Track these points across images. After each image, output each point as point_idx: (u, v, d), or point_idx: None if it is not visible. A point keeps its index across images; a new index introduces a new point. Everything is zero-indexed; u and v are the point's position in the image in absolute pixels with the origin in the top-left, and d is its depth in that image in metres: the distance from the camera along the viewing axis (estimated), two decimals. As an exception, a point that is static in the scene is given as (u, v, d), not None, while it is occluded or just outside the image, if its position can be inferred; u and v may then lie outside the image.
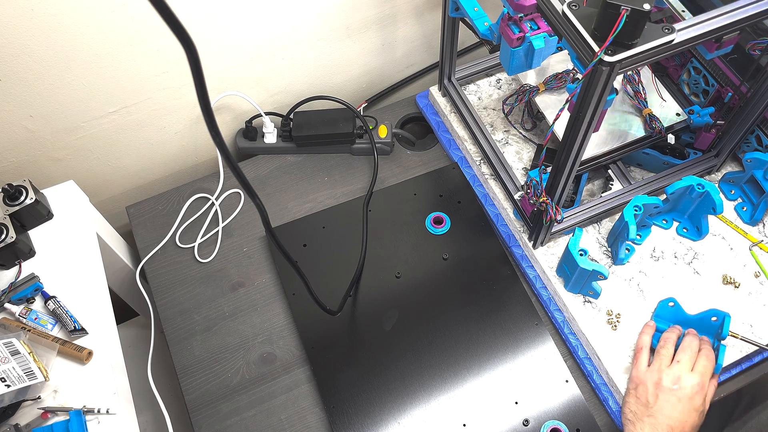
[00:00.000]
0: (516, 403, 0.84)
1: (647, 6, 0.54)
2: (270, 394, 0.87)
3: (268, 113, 1.04)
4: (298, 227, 0.98)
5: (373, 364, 0.86)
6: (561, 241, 0.91)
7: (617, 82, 0.94)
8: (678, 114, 0.91)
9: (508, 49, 0.71)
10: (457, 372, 0.86)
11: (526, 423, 0.83)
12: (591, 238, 0.92)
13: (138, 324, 1.19)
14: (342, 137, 1.03)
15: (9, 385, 0.71)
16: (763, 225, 0.91)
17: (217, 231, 0.99)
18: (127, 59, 0.86)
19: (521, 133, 1.01)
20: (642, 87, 0.92)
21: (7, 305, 0.79)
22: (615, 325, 0.85)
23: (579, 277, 0.83)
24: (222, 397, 0.86)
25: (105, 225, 0.96)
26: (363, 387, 0.85)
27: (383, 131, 1.05)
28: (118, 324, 0.86)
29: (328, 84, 1.11)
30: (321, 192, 1.03)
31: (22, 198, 0.82)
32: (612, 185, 0.93)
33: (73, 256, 0.85)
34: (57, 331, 0.79)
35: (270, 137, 1.05)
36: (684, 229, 0.91)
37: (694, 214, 0.90)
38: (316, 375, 0.86)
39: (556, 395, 0.84)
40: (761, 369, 0.86)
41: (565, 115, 0.67)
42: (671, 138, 0.91)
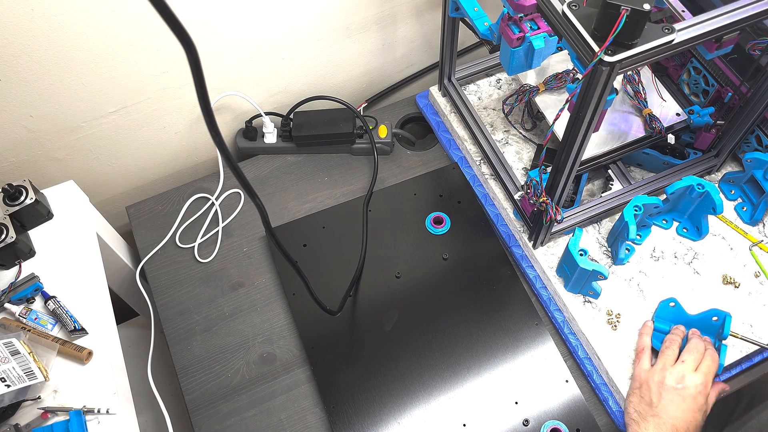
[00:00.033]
0: (516, 403, 0.84)
1: (647, 6, 0.54)
2: (270, 394, 0.87)
3: (268, 113, 1.04)
4: (298, 227, 0.98)
5: (373, 364, 0.86)
6: (561, 241, 0.91)
7: (617, 82, 0.94)
8: (678, 114, 0.91)
9: (508, 49, 0.71)
10: (457, 372, 0.86)
11: (526, 423, 0.83)
12: (591, 238, 0.92)
13: (138, 324, 1.19)
14: (342, 137, 1.03)
15: (9, 385, 0.71)
16: (763, 225, 0.91)
17: (217, 231, 0.99)
18: (127, 59, 0.86)
19: (521, 133, 1.01)
20: (642, 87, 0.92)
21: (7, 305, 0.79)
22: (615, 325, 0.85)
23: (579, 277, 0.83)
24: (222, 397, 0.86)
25: (105, 225, 0.96)
26: (363, 387, 0.85)
27: (383, 131, 1.05)
28: (118, 324, 0.86)
29: (328, 84, 1.10)
30: (321, 192, 1.03)
31: (22, 198, 0.82)
32: (612, 185, 0.93)
33: (73, 256, 0.85)
34: (57, 331, 0.79)
35: (270, 137, 1.05)
36: (684, 229, 0.91)
37: (694, 214, 0.90)
38: (316, 375, 0.86)
39: (556, 395, 0.84)
40: (761, 369, 0.86)
41: (565, 115, 0.67)
42: (671, 138, 0.91)
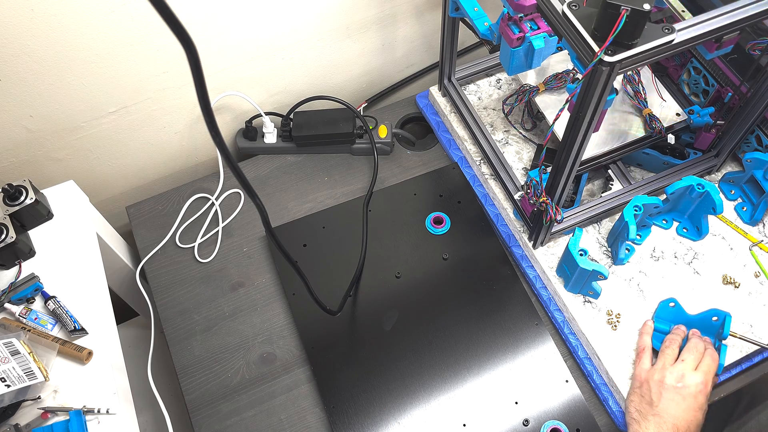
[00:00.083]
0: (516, 403, 0.84)
1: (647, 6, 0.54)
2: (270, 394, 0.87)
3: (268, 113, 1.04)
4: (298, 227, 0.98)
5: (373, 364, 0.86)
6: (561, 241, 0.91)
7: (617, 82, 0.94)
8: (678, 114, 0.91)
9: (508, 49, 0.71)
10: (457, 372, 0.86)
11: (526, 423, 0.83)
12: (591, 238, 0.92)
13: (138, 324, 1.19)
14: (342, 137, 1.03)
15: (9, 385, 0.71)
16: (763, 225, 0.91)
17: (217, 231, 0.99)
18: (127, 59, 0.86)
19: (521, 133, 1.01)
20: (642, 87, 0.92)
21: (7, 305, 0.79)
22: (615, 325, 0.85)
23: (579, 277, 0.83)
24: (222, 397, 0.86)
25: (105, 225, 0.96)
26: (363, 387, 0.85)
27: (383, 131, 1.05)
28: (118, 324, 0.86)
29: (328, 84, 1.10)
30: (321, 192, 1.03)
31: (22, 198, 0.82)
32: (612, 185, 0.93)
33: (73, 256, 0.85)
34: (57, 331, 0.79)
35: (270, 137, 1.05)
36: (684, 229, 0.91)
37: (694, 214, 0.90)
38: (316, 375, 0.86)
39: (556, 395, 0.84)
40: (761, 369, 0.86)
41: (565, 115, 0.67)
42: (671, 138, 0.91)
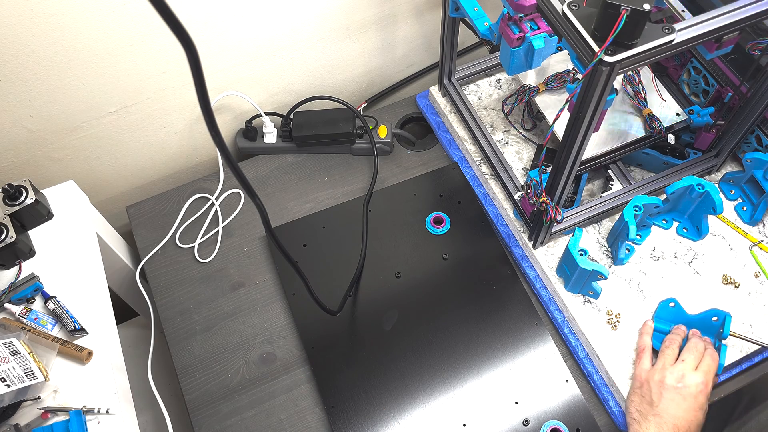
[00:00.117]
0: (516, 403, 0.84)
1: (647, 6, 0.54)
2: (270, 394, 0.87)
3: (268, 113, 1.04)
4: (298, 227, 0.98)
5: (373, 364, 0.86)
6: (561, 241, 0.91)
7: (617, 82, 0.94)
8: (678, 114, 0.91)
9: (508, 49, 0.71)
10: (457, 372, 0.86)
11: (526, 423, 0.83)
12: (591, 238, 0.92)
13: (138, 324, 1.19)
14: (342, 137, 1.03)
15: (9, 385, 0.71)
16: (763, 225, 0.91)
17: (217, 231, 0.99)
18: (127, 59, 0.86)
19: (521, 133, 1.01)
20: (642, 87, 0.92)
21: (7, 305, 0.79)
22: (615, 325, 0.85)
23: (579, 277, 0.83)
24: (222, 397, 0.86)
25: (105, 225, 0.96)
26: (363, 387, 0.85)
27: (383, 131, 1.05)
28: (118, 324, 0.86)
29: (328, 84, 1.10)
30: (321, 192, 1.03)
31: (22, 198, 0.82)
32: (612, 185, 0.93)
33: (73, 256, 0.85)
34: (57, 331, 0.79)
35: (270, 137, 1.05)
36: (684, 229, 0.91)
37: (694, 214, 0.90)
38: (316, 375, 0.86)
39: (556, 395, 0.84)
40: (761, 369, 0.86)
41: (565, 115, 0.67)
42: (671, 138, 0.91)
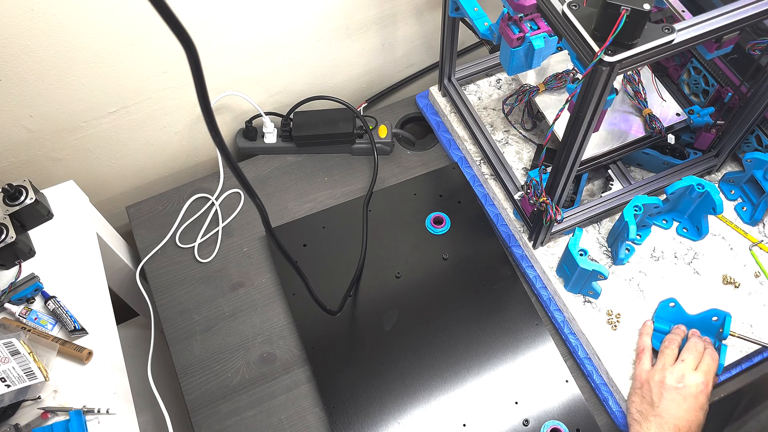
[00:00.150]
0: (516, 403, 0.84)
1: (647, 6, 0.54)
2: (270, 394, 0.87)
3: (268, 113, 1.04)
4: (298, 227, 0.98)
5: (373, 364, 0.86)
6: (561, 241, 0.91)
7: (617, 82, 0.94)
8: (678, 114, 0.91)
9: (508, 49, 0.71)
10: (457, 372, 0.86)
11: (526, 423, 0.83)
12: (591, 238, 0.92)
13: (138, 324, 1.19)
14: (342, 137, 1.03)
15: (9, 385, 0.71)
16: (763, 225, 0.91)
17: (217, 231, 0.99)
18: (127, 59, 0.86)
19: (521, 133, 1.01)
20: (642, 87, 0.92)
21: (7, 305, 0.79)
22: (615, 325, 0.85)
23: (579, 277, 0.83)
24: (222, 397, 0.86)
25: (105, 225, 0.96)
26: (363, 387, 0.85)
27: (383, 131, 1.05)
28: (118, 324, 0.86)
29: (328, 84, 1.10)
30: (321, 192, 1.03)
31: (22, 198, 0.82)
32: (612, 185, 0.93)
33: (73, 256, 0.85)
34: (57, 331, 0.79)
35: (270, 137, 1.05)
36: (684, 229, 0.91)
37: (694, 214, 0.90)
38: (316, 375, 0.86)
39: (556, 395, 0.84)
40: (761, 369, 0.86)
41: (565, 115, 0.67)
42: (671, 138, 0.91)
